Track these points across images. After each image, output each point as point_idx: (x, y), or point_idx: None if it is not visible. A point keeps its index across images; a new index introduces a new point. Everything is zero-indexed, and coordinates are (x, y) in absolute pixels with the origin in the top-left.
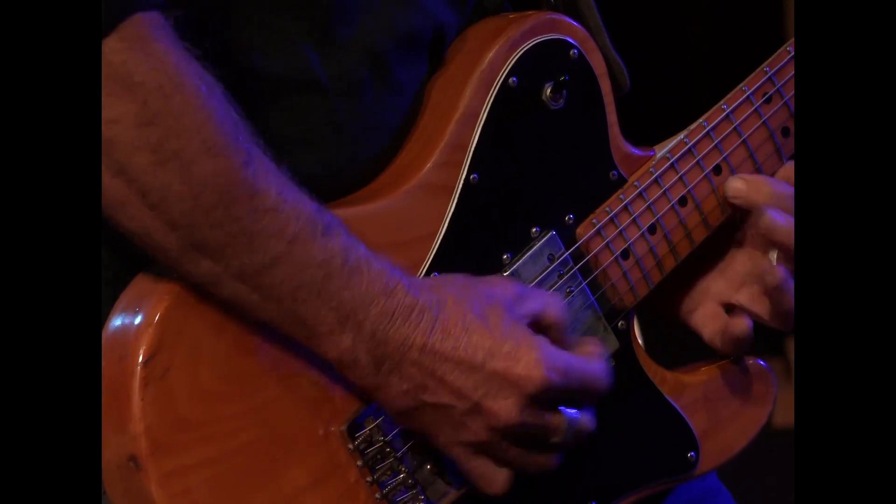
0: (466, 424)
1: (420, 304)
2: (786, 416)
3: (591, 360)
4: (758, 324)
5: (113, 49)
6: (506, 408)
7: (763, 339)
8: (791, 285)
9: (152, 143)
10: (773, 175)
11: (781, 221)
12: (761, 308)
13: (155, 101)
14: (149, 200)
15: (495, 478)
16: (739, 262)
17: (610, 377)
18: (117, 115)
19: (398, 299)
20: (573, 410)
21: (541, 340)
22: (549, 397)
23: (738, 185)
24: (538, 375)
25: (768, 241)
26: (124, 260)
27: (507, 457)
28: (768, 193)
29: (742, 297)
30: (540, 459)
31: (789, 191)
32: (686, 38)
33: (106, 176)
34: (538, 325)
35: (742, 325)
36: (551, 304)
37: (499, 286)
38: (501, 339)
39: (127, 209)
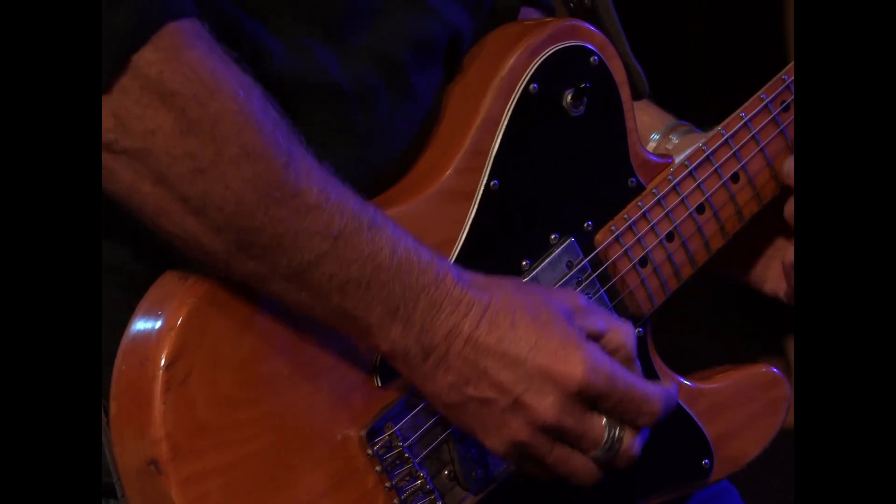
0: (507, 422)
1: (469, 295)
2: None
3: (650, 382)
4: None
5: (148, 61)
6: (545, 405)
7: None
8: None
9: (191, 152)
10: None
11: None
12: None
13: (192, 110)
14: (191, 207)
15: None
16: None
17: (669, 405)
18: (155, 126)
19: (447, 289)
20: (617, 429)
21: (591, 345)
22: (590, 398)
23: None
24: (580, 373)
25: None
26: (145, 262)
27: (547, 460)
28: None
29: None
30: (580, 470)
31: None
32: (687, 39)
33: (146, 185)
34: (597, 340)
35: None
36: (619, 329)
37: (563, 294)
38: (548, 336)
39: (170, 216)
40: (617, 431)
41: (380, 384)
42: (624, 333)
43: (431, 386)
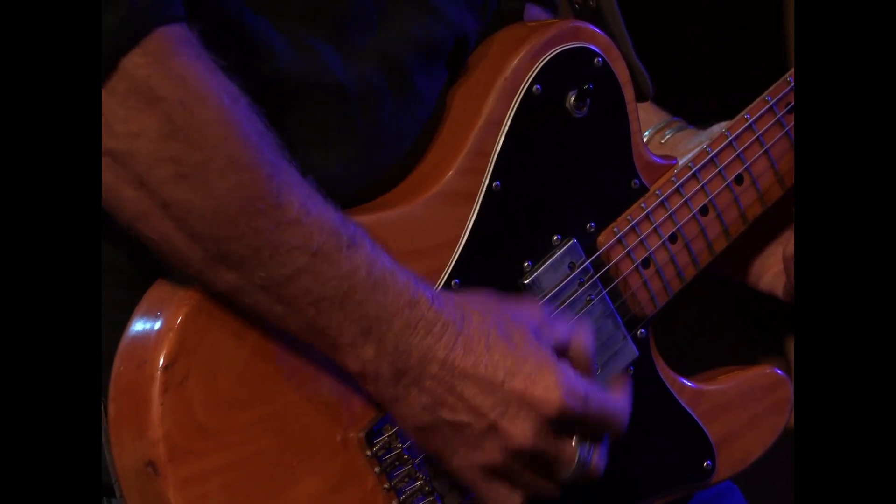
0: (481, 445)
1: (444, 318)
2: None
3: (613, 395)
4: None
5: (136, 64)
6: (521, 429)
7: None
8: None
9: (174, 157)
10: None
11: None
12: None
13: (177, 116)
14: (171, 213)
15: (508, 502)
16: None
17: (627, 418)
18: (139, 129)
19: (421, 312)
20: (587, 448)
21: (563, 366)
22: (565, 423)
23: None
24: (556, 398)
25: None
26: (140, 264)
27: (518, 482)
28: None
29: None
30: (549, 489)
31: None
32: (687, 39)
33: (127, 189)
34: (564, 354)
35: None
36: (579, 334)
37: (526, 309)
38: (523, 359)
39: (149, 220)
40: (587, 451)
41: None
42: (584, 339)
43: (401, 408)
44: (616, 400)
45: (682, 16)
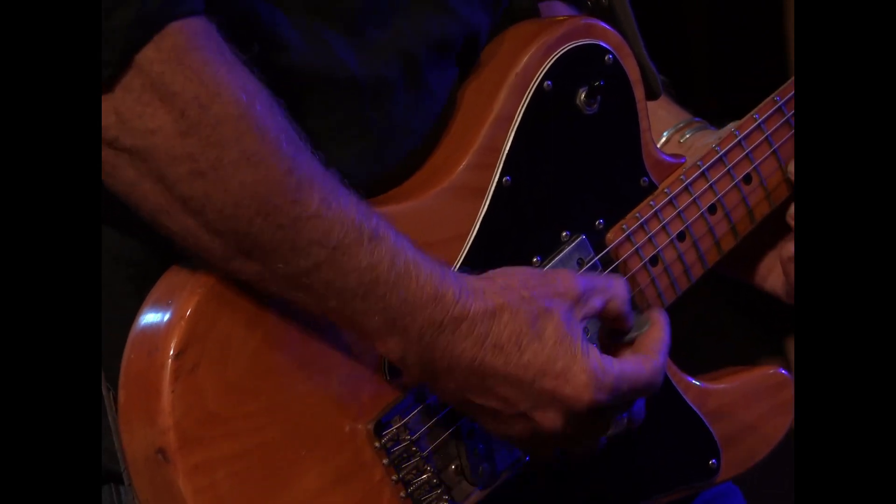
0: (512, 425)
1: (471, 315)
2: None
3: (646, 359)
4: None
5: (150, 59)
6: (551, 420)
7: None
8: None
9: (190, 154)
10: None
11: None
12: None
13: (192, 112)
14: (190, 207)
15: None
16: None
17: (663, 373)
18: (156, 125)
19: (446, 308)
20: (623, 417)
21: (592, 357)
22: (595, 414)
23: None
24: (587, 398)
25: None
26: (157, 255)
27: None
28: None
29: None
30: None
31: None
32: (687, 39)
33: (147, 183)
34: (603, 318)
35: None
36: (614, 297)
37: (563, 284)
38: (553, 357)
39: (170, 215)
40: (620, 422)
41: (389, 377)
42: (619, 299)
43: (431, 387)
44: (648, 365)
45: (683, 16)
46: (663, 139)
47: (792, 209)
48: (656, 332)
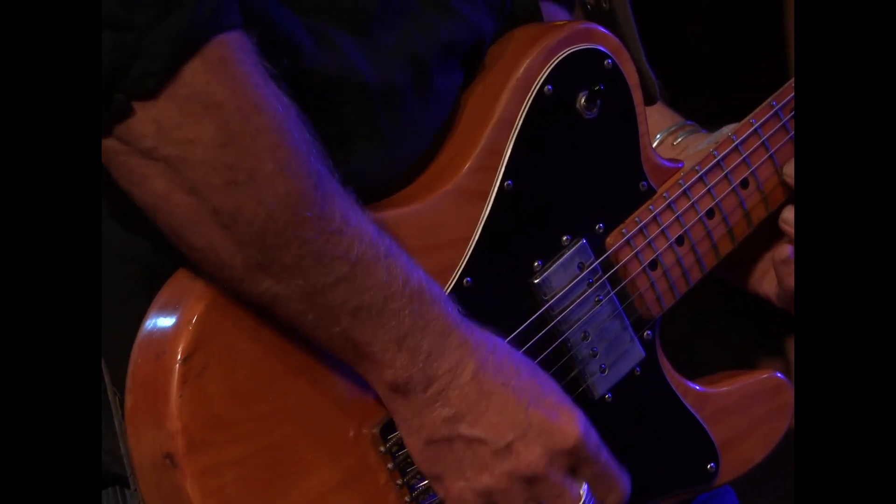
0: (491, 466)
1: (476, 335)
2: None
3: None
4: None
5: (195, 70)
6: (536, 455)
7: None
8: (792, 269)
9: (228, 164)
10: None
11: (793, 218)
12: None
13: (235, 123)
14: (220, 219)
15: None
16: None
17: (627, 499)
18: (194, 135)
19: (455, 324)
20: (592, 498)
21: (580, 411)
22: (577, 459)
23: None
24: (576, 434)
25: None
26: (159, 254)
27: None
28: None
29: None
30: None
31: None
32: (687, 39)
33: (179, 195)
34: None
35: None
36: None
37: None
38: (549, 390)
39: (198, 227)
40: (591, 499)
41: None
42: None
43: (422, 419)
44: (622, 472)
45: (683, 16)
46: (657, 141)
47: (785, 213)
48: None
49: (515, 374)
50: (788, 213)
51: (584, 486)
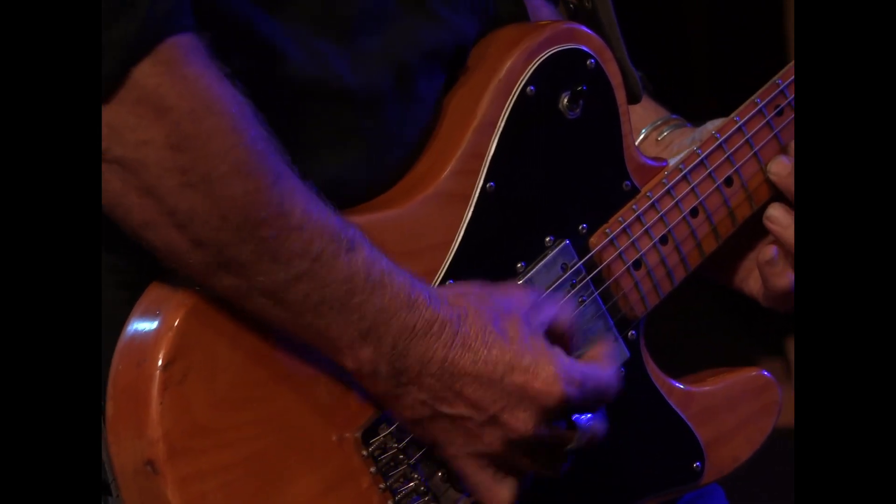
0: (481, 436)
1: (441, 317)
2: (786, 416)
3: (603, 365)
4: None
5: (146, 73)
6: (523, 421)
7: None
8: (778, 269)
9: (182, 166)
10: None
11: (778, 216)
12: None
13: (186, 125)
14: (176, 220)
15: (501, 493)
16: None
17: (620, 379)
18: (148, 137)
19: (419, 312)
20: (586, 417)
21: (557, 353)
22: (566, 410)
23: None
24: (557, 390)
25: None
26: (141, 267)
27: (518, 467)
28: None
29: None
30: (551, 467)
31: None
32: (687, 39)
33: (134, 196)
34: (552, 334)
35: (783, 279)
36: (563, 312)
37: (515, 295)
38: (520, 353)
39: (154, 228)
40: (586, 429)
41: None
42: (567, 315)
43: (400, 402)
44: (605, 369)
45: (683, 16)
46: (641, 136)
47: (770, 211)
48: (602, 347)
49: (484, 346)
50: (774, 211)
51: (577, 421)
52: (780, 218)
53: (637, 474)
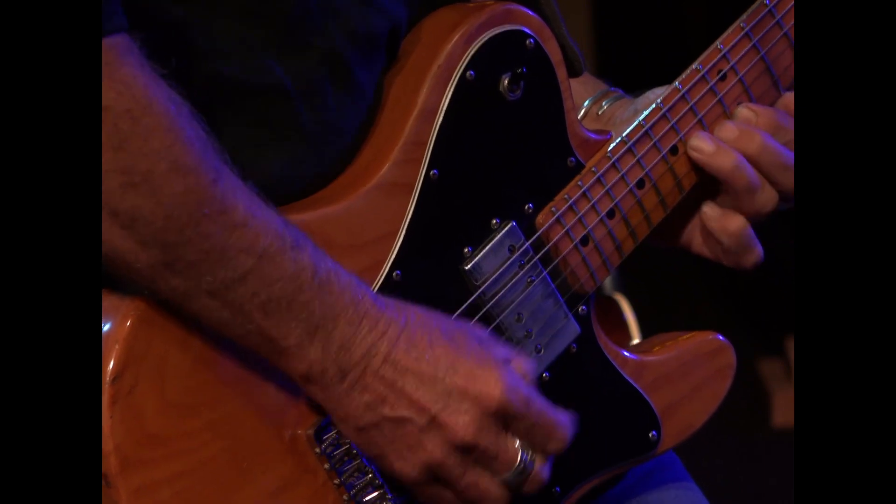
0: (423, 442)
1: (387, 315)
2: (786, 416)
3: (558, 410)
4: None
5: None
6: (463, 423)
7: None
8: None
9: (122, 166)
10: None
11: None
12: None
13: (124, 125)
14: (120, 221)
15: None
16: None
17: (570, 437)
18: None
19: (365, 309)
20: (530, 454)
21: (506, 367)
22: (507, 418)
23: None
24: (497, 394)
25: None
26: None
27: (460, 483)
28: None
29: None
30: (491, 493)
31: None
32: (687, 38)
33: None
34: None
35: (736, 221)
36: (522, 358)
37: (469, 325)
38: (464, 356)
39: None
40: (530, 454)
41: None
42: (526, 363)
43: (345, 408)
44: (560, 413)
45: (683, 15)
46: (582, 111)
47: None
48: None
49: (429, 347)
50: (695, 141)
51: (520, 448)
52: (702, 146)
53: (593, 448)
